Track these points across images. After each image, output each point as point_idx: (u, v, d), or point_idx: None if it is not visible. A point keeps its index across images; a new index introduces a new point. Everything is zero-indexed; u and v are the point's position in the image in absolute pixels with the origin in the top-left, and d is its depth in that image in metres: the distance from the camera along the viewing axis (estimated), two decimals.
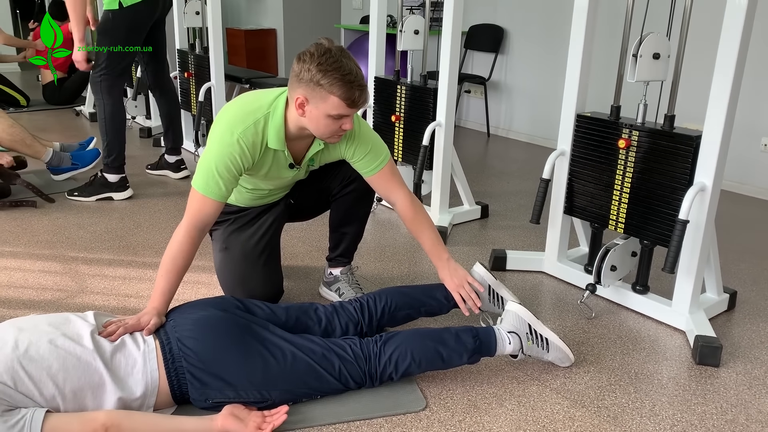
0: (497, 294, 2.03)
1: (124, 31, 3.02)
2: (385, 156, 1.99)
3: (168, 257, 1.74)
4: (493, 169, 4.18)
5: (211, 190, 1.78)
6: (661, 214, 2.13)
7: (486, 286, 2.02)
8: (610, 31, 3.75)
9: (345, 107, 1.71)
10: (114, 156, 3.20)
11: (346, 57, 1.71)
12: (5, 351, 1.44)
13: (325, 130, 1.78)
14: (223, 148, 1.78)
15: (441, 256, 1.99)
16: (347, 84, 1.68)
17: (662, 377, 1.89)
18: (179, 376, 1.56)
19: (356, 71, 1.70)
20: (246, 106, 1.83)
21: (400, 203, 2.01)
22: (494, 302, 2.03)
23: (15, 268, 2.48)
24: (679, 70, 2.10)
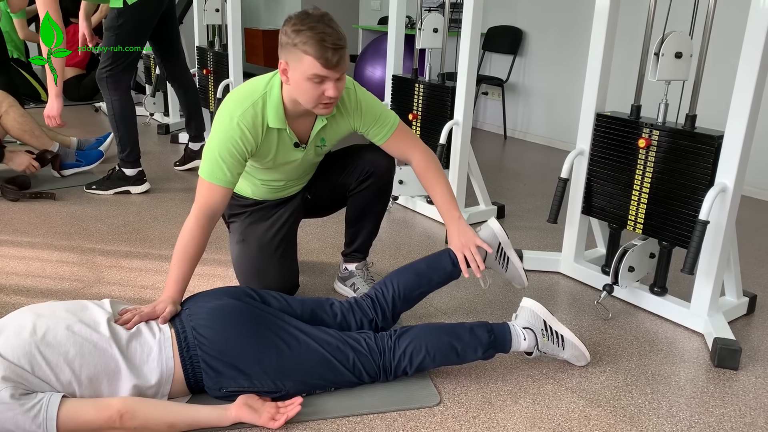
0: (505, 254, 1.97)
1: (130, 27, 3.04)
2: (394, 119, 2.00)
3: (180, 246, 1.74)
4: (510, 171, 4.16)
5: (216, 176, 1.79)
6: (681, 214, 2.11)
7: (496, 243, 1.96)
8: (630, 29, 3.72)
9: (320, 67, 1.68)
10: (128, 151, 3.22)
11: (324, 21, 1.69)
12: (23, 336, 1.46)
13: (308, 97, 1.75)
14: (224, 134, 1.80)
15: (452, 214, 1.96)
16: (319, 42, 1.65)
17: (680, 379, 1.87)
18: (194, 365, 1.56)
19: (331, 32, 1.67)
20: (243, 90, 1.85)
21: (415, 161, 2.01)
22: (500, 262, 1.98)
23: (33, 258, 2.50)
24: (701, 69, 2.08)
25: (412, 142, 2.03)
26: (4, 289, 2.24)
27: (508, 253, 1.97)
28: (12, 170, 3.50)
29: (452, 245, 1.92)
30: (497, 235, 1.96)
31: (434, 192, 2.00)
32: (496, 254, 1.97)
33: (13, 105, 3.24)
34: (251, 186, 2.10)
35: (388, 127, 1.99)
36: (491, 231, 1.97)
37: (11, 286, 2.26)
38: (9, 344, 1.44)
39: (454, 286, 2.39)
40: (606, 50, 2.27)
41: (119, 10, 3.00)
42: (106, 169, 3.66)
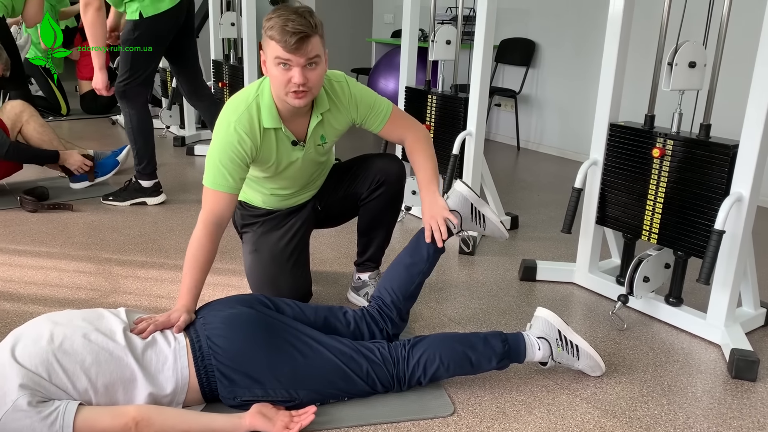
0: (479, 212, 1.98)
1: (146, 41, 3.08)
2: (388, 105, 2.04)
3: (190, 255, 1.76)
4: (523, 182, 4.15)
5: (219, 183, 1.81)
6: (696, 224, 2.09)
7: (468, 205, 1.97)
8: (644, 39, 3.72)
9: (280, 50, 1.70)
10: (145, 163, 3.26)
11: (299, 11, 1.71)
12: (41, 344, 1.47)
13: (276, 84, 1.78)
14: (222, 140, 1.83)
15: (429, 188, 1.98)
16: (282, 27, 1.68)
17: (696, 390, 1.85)
18: (209, 374, 1.57)
19: (296, 19, 1.69)
20: (237, 97, 1.90)
21: (408, 140, 2.05)
22: (476, 221, 1.99)
23: (51, 268, 2.53)
24: (715, 78, 2.07)
25: (407, 123, 2.07)
26: (23, 298, 2.27)
27: (482, 211, 1.99)
28: (30, 182, 3.56)
29: (423, 217, 1.94)
30: (467, 197, 1.98)
31: (417, 167, 2.03)
32: (471, 215, 1.98)
33: (34, 115, 3.30)
34: (261, 195, 2.12)
35: (383, 113, 2.02)
36: (459, 194, 1.99)
37: (29, 296, 2.29)
38: (27, 352, 1.45)
39: (467, 297, 2.39)
40: (619, 60, 2.27)
41: (135, 22, 3.04)
42: (121, 180, 3.71)
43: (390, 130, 2.05)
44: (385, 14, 6.48)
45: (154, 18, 3.04)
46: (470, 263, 2.73)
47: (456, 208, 1.96)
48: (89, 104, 5.77)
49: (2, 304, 2.22)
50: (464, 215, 1.97)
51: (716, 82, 2.08)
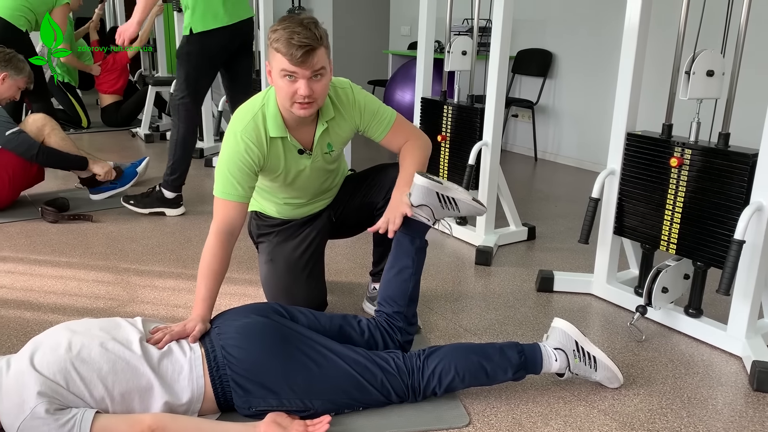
0: (448, 197, 1.92)
1: (196, 57, 3.12)
2: (391, 113, 2.03)
3: (203, 265, 1.78)
4: (541, 193, 4.13)
5: (229, 192, 1.83)
6: (716, 234, 2.07)
7: (434, 194, 1.90)
8: (661, 47, 3.70)
9: (286, 62, 1.71)
10: (176, 176, 3.31)
11: (304, 23, 1.72)
12: (59, 352, 1.49)
13: (282, 95, 1.79)
14: (230, 150, 1.85)
15: (400, 189, 1.95)
16: (288, 40, 1.69)
17: (717, 403, 1.82)
18: (224, 384, 1.58)
19: (302, 31, 1.69)
20: (244, 108, 1.92)
21: (406, 144, 2.04)
22: (448, 207, 1.93)
23: (70, 278, 2.56)
24: (734, 87, 2.05)
25: (410, 132, 2.06)
26: (43, 307, 2.30)
27: (451, 195, 1.92)
28: (51, 193, 3.61)
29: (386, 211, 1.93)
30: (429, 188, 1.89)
31: (402, 167, 2.01)
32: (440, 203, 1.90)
33: (55, 128, 3.35)
34: (275, 205, 2.13)
35: (387, 121, 2.02)
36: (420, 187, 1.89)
37: (49, 305, 2.31)
38: (45, 360, 1.47)
39: (483, 307, 2.38)
40: (636, 68, 2.26)
41: (187, 37, 3.10)
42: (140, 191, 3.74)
43: (393, 137, 2.04)
44: (402, 26, 6.52)
45: (203, 34, 3.08)
46: (487, 274, 2.72)
47: (422, 201, 1.89)
48: (110, 117, 5.85)
49: (23, 312, 2.25)
50: (433, 205, 1.91)
51: (735, 90, 2.06)
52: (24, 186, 3.38)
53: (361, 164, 2.12)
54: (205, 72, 3.20)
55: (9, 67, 3.30)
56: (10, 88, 3.33)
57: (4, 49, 3.38)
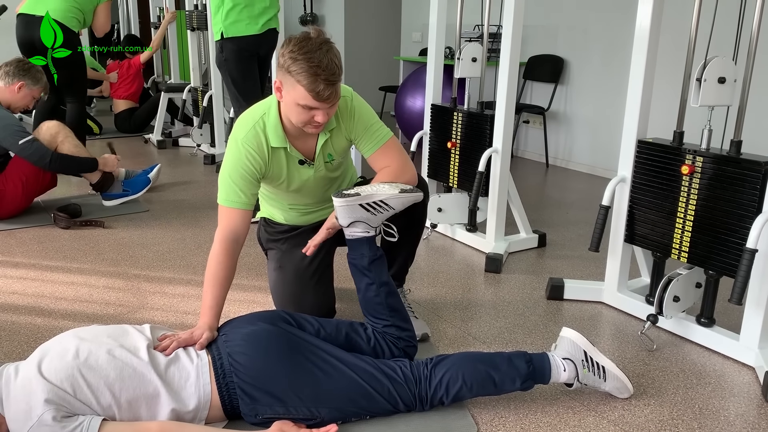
0: (374, 203, 1.79)
1: (234, 61, 3.16)
2: (386, 134, 1.98)
3: (209, 273, 1.79)
4: (552, 199, 4.11)
5: (232, 199, 1.84)
6: (728, 243, 2.04)
7: (357, 208, 1.79)
8: (672, 54, 3.67)
9: (311, 99, 1.70)
10: None
11: (323, 49, 1.68)
12: (66, 359, 1.50)
13: (297, 119, 1.78)
14: (232, 158, 1.86)
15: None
16: (313, 76, 1.66)
17: (729, 414, 1.79)
18: (230, 391, 1.58)
19: (327, 64, 1.67)
20: (246, 115, 1.91)
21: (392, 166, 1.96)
22: (380, 210, 1.81)
23: (81, 284, 2.58)
24: (746, 94, 2.03)
25: (399, 158, 1.97)
26: (54, 313, 2.31)
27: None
28: (63, 199, 3.64)
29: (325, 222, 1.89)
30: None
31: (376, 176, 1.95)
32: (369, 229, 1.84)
33: (69, 136, 3.39)
34: (282, 212, 2.13)
35: (378, 139, 1.97)
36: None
37: (60, 311, 2.33)
38: (53, 367, 1.47)
39: (492, 315, 2.37)
40: (647, 75, 2.24)
41: (220, 43, 3.14)
42: (152, 197, 3.78)
43: (379, 158, 1.96)
44: (413, 32, 6.52)
45: (234, 39, 3.12)
46: (496, 281, 2.70)
47: (350, 219, 1.81)
48: (123, 123, 5.90)
49: (34, 319, 2.26)
50: (363, 218, 1.81)
51: (747, 97, 2.04)
52: (37, 192, 3.41)
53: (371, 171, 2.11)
54: (249, 72, 3.23)
55: (27, 76, 3.35)
56: (25, 97, 3.37)
57: (23, 59, 3.44)
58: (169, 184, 4.18)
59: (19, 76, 3.32)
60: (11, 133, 3.17)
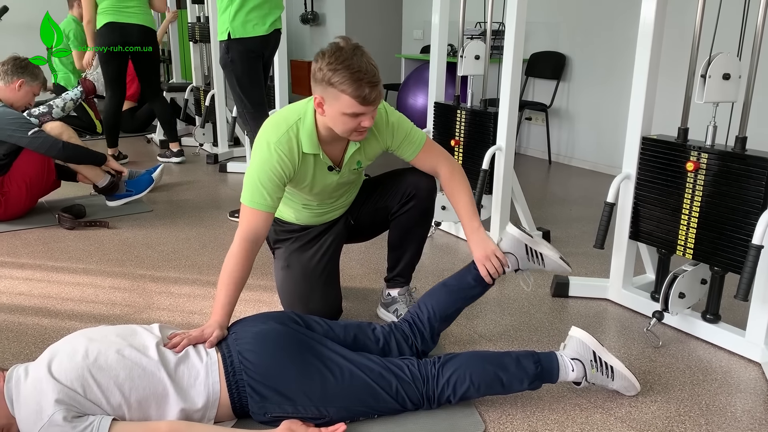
0: (536, 251, 1.96)
1: (240, 61, 3.15)
2: (422, 135, 2.04)
3: (225, 271, 1.78)
4: (555, 196, 4.11)
5: (257, 201, 1.83)
6: (733, 239, 2.05)
7: (522, 246, 1.96)
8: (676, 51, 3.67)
9: (357, 105, 1.71)
10: None
11: (358, 54, 1.70)
12: (76, 359, 1.50)
13: (345, 129, 1.79)
14: (262, 160, 1.84)
15: (471, 224, 1.98)
16: (357, 82, 1.67)
17: (736, 410, 1.80)
18: (239, 389, 1.58)
19: (366, 68, 1.69)
20: (279, 117, 1.90)
21: (442, 172, 2.05)
22: (534, 260, 1.97)
23: (87, 284, 2.58)
24: (750, 90, 2.03)
25: (439, 155, 2.08)
26: (60, 314, 2.32)
27: (539, 249, 1.97)
28: (68, 200, 3.65)
29: (475, 257, 1.94)
30: (519, 239, 1.97)
31: (456, 200, 2.03)
32: (527, 255, 1.96)
33: (73, 136, 3.39)
34: (294, 211, 2.14)
35: (417, 142, 2.03)
36: (512, 237, 1.98)
37: (66, 312, 2.34)
38: (62, 368, 1.48)
39: (498, 313, 2.37)
40: (651, 72, 2.24)
41: (226, 43, 3.13)
42: (156, 197, 3.79)
43: (423, 158, 2.06)
44: (414, 30, 6.52)
45: (241, 39, 3.12)
46: (501, 279, 2.70)
47: (509, 250, 1.97)
48: (125, 123, 5.89)
49: (41, 319, 2.27)
50: (520, 256, 1.97)
51: (751, 93, 2.04)
52: (41, 193, 3.42)
53: (377, 168, 2.12)
54: (255, 73, 3.22)
55: (26, 73, 3.33)
56: (27, 94, 3.37)
57: (19, 57, 3.42)
58: (173, 183, 4.19)
59: (17, 74, 3.31)
60: (19, 126, 3.17)
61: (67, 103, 4.40)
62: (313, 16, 7.60)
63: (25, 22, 6.87)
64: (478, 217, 2.00)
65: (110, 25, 4.15)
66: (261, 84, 3.28)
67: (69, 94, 4.47)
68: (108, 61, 4.26)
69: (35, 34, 5.99)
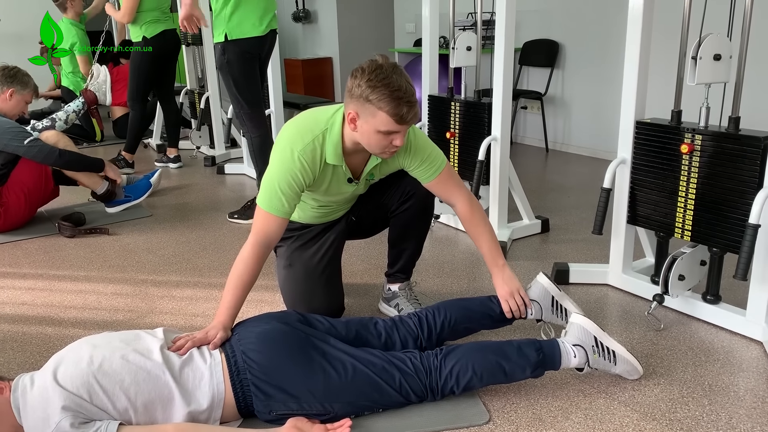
0: (560, 305, 1.99)
1: (237, 63, 3.14)
2: (442, 162, 2.01)
3: (234, 274, 1.79)
4: (553, 184, 4.12)
5: (275, 207, 1.83)
6: (730, 219, 2.05)
7: (549, 297, 1.99)
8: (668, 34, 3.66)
9: (393, 123, 1.71)
10: None
11: (397, 73, 1.71)
12: (81, 366, 1.51)
13: (376, 146, 1.79)
14: (284, 166, 1.83)
15: (497, 262, 1.99)
16: (396, 100, 1.68)
17: (739, 389, 1.81)
18: (244, 389, 1.59)
19: (406, 87, 1.70)
20: (305, 124, 1.88)
21: (459, 206, 2.03)
22: (557, 313, 1.99)
23: (89, 291, 2.60)
24: (742, 70, 2.03)
25: (456, 186, 2.03)
26: (63, 322, 2.33)
27: (564, 305, 1.99)
28: (67, 208, 3.66)
29: (499, 294, 1.97)
30: (548, 289, 2.00)
31: (480, 239, 2.02)
32: (552, 307, 2.00)
33: (69, 144, 3.39)
34: (299, 211, 2.14)
35: (435, 167, 1.99)
36: (540, 286, 2.01)
37: (69, 319, 2.35)
38: (68, 375, 1.49)
39: None
40: (642, 56, 2.24)
41: (223, 45, 3.11)
42: (154, 202, 3.79)
43: (438, 185, 2.01)
44: (407, 23, 6.51)
45: (238, 40, 3.11)
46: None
47: (536, 298, 1.99)
48: (122, 129, 5.89)
49: (44, 328, 2.28)
50: (545, 307, 2.00)
51: (743, 73, 2.04)
52: (40, 203, 3.43)
53: None
54: (251, 74, 3.21)
55: (15, 82, 3.33)
56: (18, 103, 3.37)
57: (8, 66, 3.42)
58: (171, 187, 4.20)
59: (7, 84, 3.31)
60: (14, 136, 3.17)
61: (70, 115, 4.42)
62: (305, 13, 7.59)
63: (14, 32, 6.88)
64: (502, 256, 2.01)
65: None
66: (258, 84, 3.28)
67: (71, 105, 4.49)
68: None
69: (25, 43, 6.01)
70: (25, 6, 6.93)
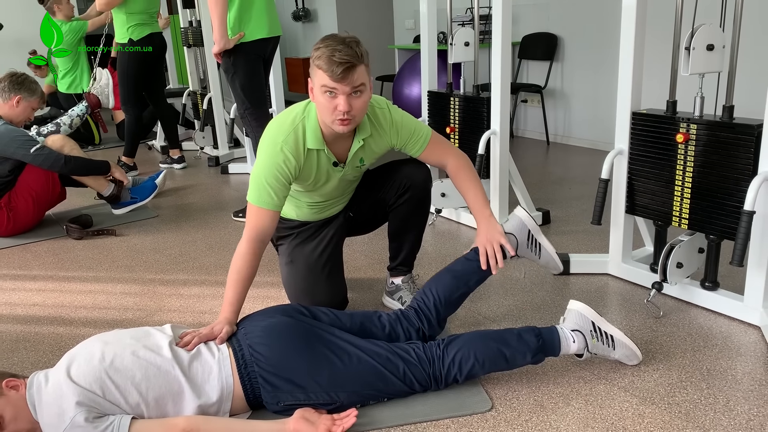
0: (535, 240, 2.04)
1: (243, 64, 3.18)
2: (427, 131, 2.09)
3: (233, 270, 1.83)
4: (554, 176, 4.15)
5: (264, 200, 1.88)
6: (726, 207, 2.08)
7: (525, 230, 2.04)
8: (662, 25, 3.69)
9: (327, 78, 1.76)
10: None
11: (346, 41, 1.77)
12: (93, 363, 1.56)
13: (324, 110, 1.83)
14: (269, 159, 1.89)
15: (483, 212, 2.04)
16: (328, 57, 1.74)
17: (736, 373, 1.84)
18: (252, 381, 1.64)
19: (343, 49, 1.74)
20: (283, 117, 1.96)
21: (450, 164, 2.11)
22: (532, 248, 2.06)
23: (98, 291, 2.64)
24: (735, 59, 2.06)
25: (446, 148, 2.13)
26: (74, 321, 2.38)
27: (539, 239, 2.05)
28: (74, 210, 3.71)
29: (477, 241, 1.99)
30: (525, 223, 2.04)
31: (466, 191, 2.08)
32: (527, 241, 2.04)
33: (75, 148, 3.44)
34: (295, 209, 2.18)
35: (423, 138, 2.07)
36: (519, 220, 2.05)
37: (80, 319, 2.40)
38: (81, 371, 1.54)
39: (501, 294, 2.42)
40: (637, 47, 2.27)
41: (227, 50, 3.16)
42: (160, 203, 3.84)
43: (430, 154, 2.10)
44: (406, 20, 6.54)
45: (242, 43, 3.15)
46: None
47: (513, 231, 2.03)
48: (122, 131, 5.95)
49: (56, 328, 2.33)
50: (520, 240, 2.04)
51: (736, 63, 2.07)
52: (48, 206, 3.48)
53: None
54: (256, 75, 3.25)
55: (22, 89, 3.37)
56: (25, 110, 3.41)
57: (16, 72, 3.47)
58: (176, 188, 4.24)
59: (14, 90, 3.36)
60: (21, 144, 3.22)
61: (74, 120, 4.48)
62: (305, 12, 7.62)
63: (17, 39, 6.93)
64: (488, 206, 2.05)
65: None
66: (262, 85, 3.32)
67: (75, 110, 4.54)
68: None
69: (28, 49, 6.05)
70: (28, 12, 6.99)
